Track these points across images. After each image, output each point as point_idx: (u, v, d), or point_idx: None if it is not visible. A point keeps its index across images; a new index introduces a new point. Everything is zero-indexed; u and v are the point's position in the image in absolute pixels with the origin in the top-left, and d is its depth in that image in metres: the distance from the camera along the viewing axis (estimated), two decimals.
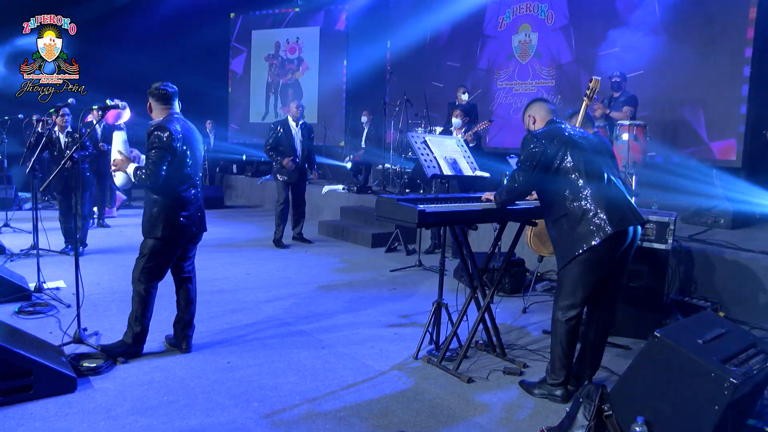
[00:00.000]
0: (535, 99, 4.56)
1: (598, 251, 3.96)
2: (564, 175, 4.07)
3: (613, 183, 4.12)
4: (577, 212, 4.01)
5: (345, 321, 5.88)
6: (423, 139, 4.89)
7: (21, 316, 5.61)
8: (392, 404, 4.10)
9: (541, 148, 4.09)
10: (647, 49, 10.21)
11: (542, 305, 6.56)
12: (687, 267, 6.46)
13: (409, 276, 7.81)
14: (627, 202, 4.12)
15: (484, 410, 4.08)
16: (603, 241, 3.92)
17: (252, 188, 15.28)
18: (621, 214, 4.00)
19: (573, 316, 4.11)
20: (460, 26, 13.70)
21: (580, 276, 4.04)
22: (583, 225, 3.98)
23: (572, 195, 4.04)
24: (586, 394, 3.61)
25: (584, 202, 4.00)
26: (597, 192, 4.00)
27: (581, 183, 4.03)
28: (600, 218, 3.94)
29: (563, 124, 4.32)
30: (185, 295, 5.00)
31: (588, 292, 4.09)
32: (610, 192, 4.06)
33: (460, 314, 4.84)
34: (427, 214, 4.06)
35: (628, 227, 4.02)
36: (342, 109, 16.17)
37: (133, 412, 3.87)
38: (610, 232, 3.91)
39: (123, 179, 4.89)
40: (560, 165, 4.07)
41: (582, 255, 3.98)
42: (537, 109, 4.41)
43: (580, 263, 4.02)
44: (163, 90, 4.70)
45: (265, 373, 4.54)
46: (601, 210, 3.96)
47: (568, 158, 4.07)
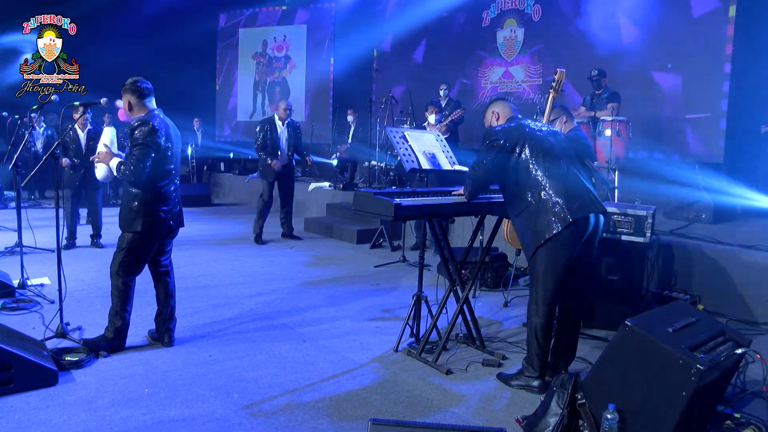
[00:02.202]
0: (498, 97, 4.73)
1: (560, 239, 4.03)
2: (524, 169, 4.15)
3: (572, 173, 4.21)
4: (538, 204, 4.08)
5: (327, 315, 5.92)
6: (402, 133, 4.95)
7: (4, 312, 5.62)
8: (371, 395, 4.15)
9: (499, 141, 4.18)
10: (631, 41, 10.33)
11: (523, 299, 6.57)
12: (667, 261, 6.53)
13: (393, 271, 7.86)
14: (587, 191, 4.20)
15: (461, 400, 4.13)
16: (563, 230, 4.00)
17: (239, 186, 15.28)
18: (580, 203, 4.07)
19: (546, 310, 4.17)
20: (445, 23, 13.74)
21: (546, 267, 4.11)
22: (543, 215, 4.05)
23: (532, 188, 4.11)
24: (560, 383, 3.67)
25: (544, 193, 4.07)
26: (556, 183, 4.08)
27: (540, 175, 4.10)
28: (559, 207, 4.02)
29: (524, 120, 4.41)
30: (164, 288, 5.02)
31: (557, 283, 4.14)
32: (569, 182, 4.14)
33: (440, 307, 4.90)
34: (402, 207, 4.13)
35: (588, 214, 4.10)
36: (329, 106, 16.21)
37: (113, 404, 3.90)
38: (570, 220, 3.99)
39: (104, 172, 4.91)
40: (519, 158, 4.15)
41: (545, 244, 4.06)
42: (501, 107, 4.51)
43: (544, 253, 4.10)
44: (142, 86, 4.71)
45: (246, 366, 4.58)
46: (561, 199, 4.03)
47: (526, 152, 4.15)
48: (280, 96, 16.63)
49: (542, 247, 4.07)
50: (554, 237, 4.02)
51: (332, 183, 12.29)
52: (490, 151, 4.20)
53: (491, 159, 4.18)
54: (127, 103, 4.73)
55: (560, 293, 4.22)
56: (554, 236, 4.01)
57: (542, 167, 4.11)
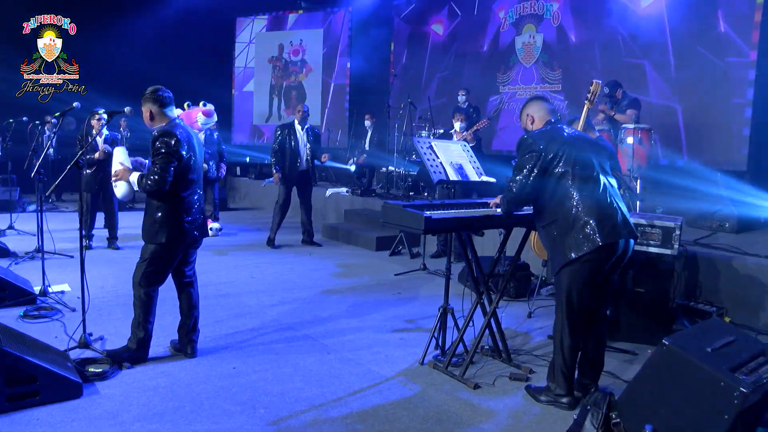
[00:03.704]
0: (534, 97, 4.41)
1: (586, 262, 3.89)
2: (557, 180, 3.97)
3: (607, 191, 4.01)
4: (567, 220, 3.93)
5: (350, 325, 5.87)
6: (429, 144, 4.88)
7: (26, 320, 5.60)
8: (398, 411, 4.09)
9: (538, 151, 3.98)
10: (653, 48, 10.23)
11: (547, 310, 6.53)
12: (692, 271, 6.44)
13: (414, 280, 7.80)
14: (620, 212, 4.00)
15: (490, 417, 4.06)
16: (590, 252, 3.85)
17: (255, 190, 15.28)
18: (611, 226, 3.90)
19: (572, 328, 4.06)
20: (463, 28, 13.69)
21: (570, 286, 3.98)
22: (571, 233, 3.91)
23: (563, 201, 3.95)
24: (593, 402, 3.60)
25: (574, 210, 3.91)
26: (589, 200, 3.91)
27: (574, 189, 3.93)
28: (590, 227, 3.85)
29: (561, 124, 4.21)
30: (187, 299, 4.98)
31: (582, 302, 4.01)
32: (602, 200, 3.95)
33: (466, 320, 4.83)
34: (433, 220, 4.05)
35: (618, 240, 3.93)
36: (345, 111, 16.17)
37: (139, 418, 3.86)
38: (599, 244, 3.83)
39: (125, 190, 4.80)
40: (555, 169, 3.97)
41: (571, 264, 3.92)
42: (536, 108, 4.29)
43: (570, 273, 3.96)
44: (163, 95, 4.65)
45: (270, 378, 4.53)
46: (592, 220, 3.87)
47: (563, 162, 3.96)
48: (296, 100, 16.60)
49: (568, 266, 3.94)
50: (579, 258, 3.88)
51: (350, 189, 12.24)
52: (527, 162, 4.00)
53: (530, 173, 3.97)
54: (148, 112, 4.67)
55: (586, 312, 4.09)
56: (579, 257, 3.88)
57: (576, 180, 3.94)
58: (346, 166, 12.60)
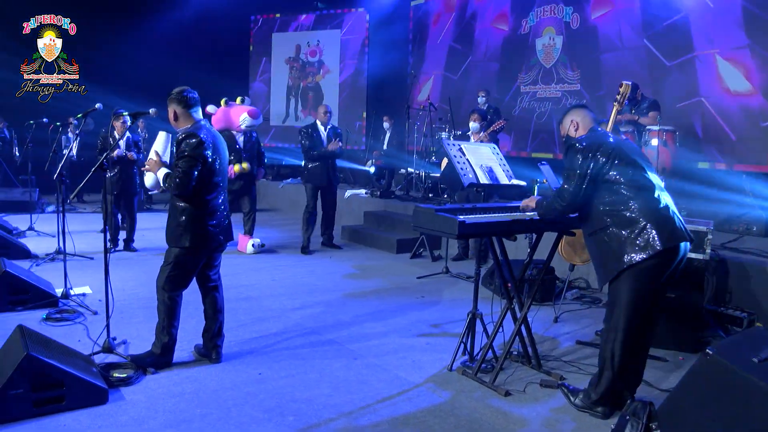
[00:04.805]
0: (577, 105, 4.36)
1: (645, 269, 3.78)
2: (608, 186, 3.89)
3: (663, 195, 3.93)
4: (621, 225, 3.83)
5: (374, 330, 5.79)
6: (458, 146, 4.80)
7: (49, 323, 5.56)
8: (429, 418, 4.00)
9: (588, 158, 3.90)
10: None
11: (573, 314, 6.45)
12: (721, 276, 6.31)
13: (436, 283, 7.71)
14: (676, 215, 3.91)
15: (523, 425, 3.97)
16: (651, 258, 3.73)
17: (273, 192, 15.23)
18: (671, 229, 3.80)
19: (625, 338, 3.92)
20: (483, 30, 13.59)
21: (629, 295, 3.85)
22: (627, 239, 3.80)
23: (616, 207, 3.86)
24: (632, 412, 3.50)
25: (630, 214, 3.81)
26: (644, 204, 3.82)
27: (628, 194, 3.84)
28: (648, 233, 3.75)
29: (603, 130, 4.17)
30: (212, 304, 4.91)
31: (641, 312, 3.89)
32: (658, 204, 3.86)
33: (496, 325, 4.73)
34: (467, 225, 3.96)
35: (679, 243, 3.82)
36: (363, 112, 16.10)
37: (166, 425, 3.80)
38: (659, 249, 3.72)
39: (152, 181, 4.76)
40: (606, 174, 3.89)
41: (628, 270, 3.80)
42: (581, 115, 4.21)
43: (628, 280, 3.84)
44: (188, 96, 4.59)
45: (297, 385, 4.45)
46: (650, 224, 3.76)
47: (614, 167, 3.89)
48: (313, 101, 16.56)
49: (625, 273, 3.82)
50: (639, 264, 3.76)
51: (369, 190, 12.15)
52: (581, 166, 3.91)
53: (582, 180, 3.90)
54: (173, 113, 4.61)
55: (643, 321, 3.97)
56: (639, 263, 3.76)
57: (630, 185, 3.85)
58: (365, 167, 12.52)
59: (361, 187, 12.68)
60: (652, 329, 4.15)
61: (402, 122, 12.39)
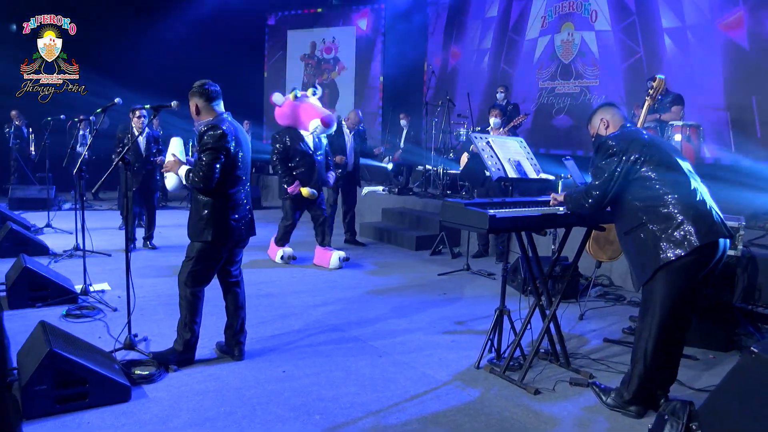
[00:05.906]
0: (606, 103, 4.28)
1: (683, 265, 3.66)
2: (642, 182, 3.79)
3: (700, 191, 3.82)
4: (658, 222, 3.72)
5: (398, 327, 5.69)
6: (487, 140, 4.69)
7: (69, 320, 5.51)
8: (459, 417, 3.90)
9: (619, 153, 3.82)
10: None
11: (598, 312, 6.33)
12: (751, 273, 6.16)
13: (457, 280, 7.61)
14: (714, 211, 3.79)
15: (555, 424, 3.87)
16: (688, 254, 3.62)
17: None
18: (709, 225, 3.68)
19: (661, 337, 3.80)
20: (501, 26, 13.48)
21: (665, 293, 3.74)
22: (664, 236, 3.69)
23: (651, 204, 3.75)
24: (671, 411, 3.39)
25: (666, 210, 3.70)
26: (681, 200, 3.71)
27: (663, 191, 3.74)
28: (685, 229, 3.64)
29: (635, 127, 4.07)
30: (234, 300, 4.83)
31: (677, 310, 3.78)
32: (695, 199, 3.75)
33: (524, 322, 4.63)
34: (498, 219, 3.85)
35: (718, 239, 3.70)
36: (379, 108, 16.00)
37: (190, 423, 3.72)
38: (697, 245, 3.61)
39: (174, 182, 4.72)
40: (639, 171, 3.80)
41: (665, 268, 3.69)
42: (610, 113, 4.15)
43: (664, 278, 3.72)
44: (210, 89, 4.51)
45: (322, 383, 4.37)
46: (687, 219, 3.65)
47: (647, 163, 3.79)
48: (329, 98, 16.46)
49: (662, 270, 3.70)
50: (675, 261, 3.65)
51: (386, 187, 12.06)
52: (610, 164, 3.84)
53: (613, 176, 3.82)
54: (195, 106, 4.53)
55: (678, 321, 3.85)
56: (675, 260, 3.65)
57: (665, 181, 3.75)
58: (383, 164, 12.42)
59: (379, 184, 12.58)
60: (687, 329, 4.02)
61: (419, 118, 12.29)
